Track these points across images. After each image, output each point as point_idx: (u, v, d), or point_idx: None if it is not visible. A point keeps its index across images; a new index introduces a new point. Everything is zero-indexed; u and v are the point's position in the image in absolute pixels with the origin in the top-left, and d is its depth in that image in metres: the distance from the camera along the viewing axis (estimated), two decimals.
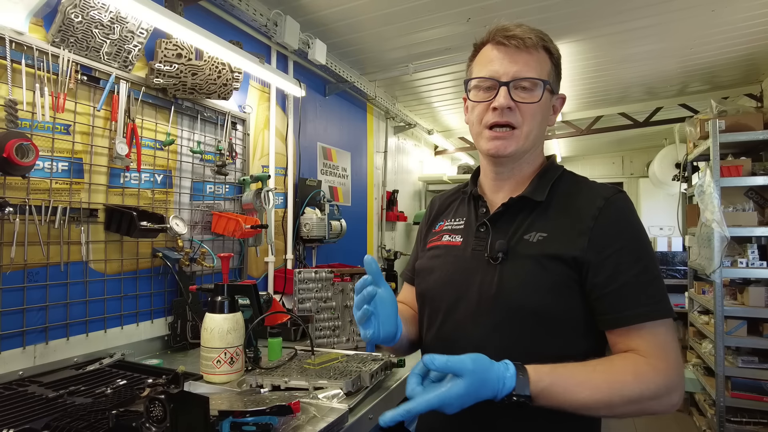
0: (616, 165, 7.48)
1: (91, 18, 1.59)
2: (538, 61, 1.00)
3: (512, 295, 0.95)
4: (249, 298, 1.65)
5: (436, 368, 0.80)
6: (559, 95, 1.09)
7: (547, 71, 1.02)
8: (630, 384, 0.84)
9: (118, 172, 1.80)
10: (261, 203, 2.34)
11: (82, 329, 1.67)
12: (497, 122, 0.99)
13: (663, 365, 0.87)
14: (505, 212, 1.04)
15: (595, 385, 0.84)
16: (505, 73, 0.98)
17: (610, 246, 0.92)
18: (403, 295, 1.30)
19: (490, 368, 0.82)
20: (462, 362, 0.79)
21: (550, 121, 1.07)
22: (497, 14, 2.61)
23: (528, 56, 0.99)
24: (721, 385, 3.21)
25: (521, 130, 0.99)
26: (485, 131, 1.02)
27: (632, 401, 0.84)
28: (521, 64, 0.98)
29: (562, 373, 0.85)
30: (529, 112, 0.99)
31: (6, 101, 1.42)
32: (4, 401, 1.23)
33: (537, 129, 1.02)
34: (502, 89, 0.98)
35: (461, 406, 0.79)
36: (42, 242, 1.53)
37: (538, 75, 0.99)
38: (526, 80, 0.98)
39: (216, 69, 2.01)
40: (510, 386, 0.81)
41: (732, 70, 3.68)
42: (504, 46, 1.00)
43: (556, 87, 1.07)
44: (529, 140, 1.02)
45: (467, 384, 0.78)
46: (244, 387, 1.44)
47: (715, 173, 3.27)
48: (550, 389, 0.82)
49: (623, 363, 0.88)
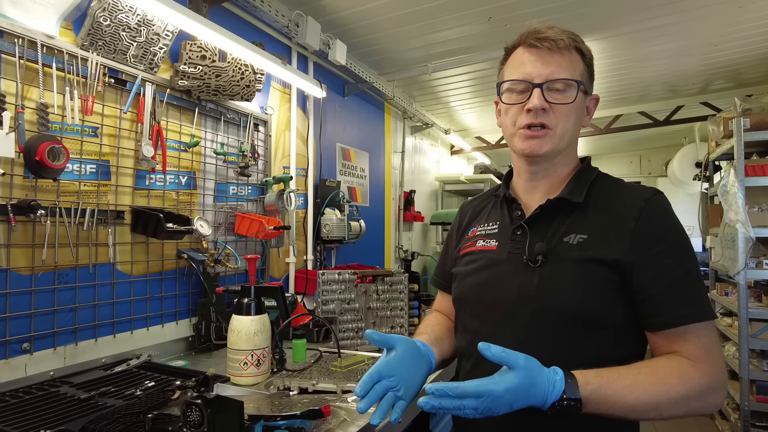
0: (634, 164, 7.39)
1: (118, 21, 1.60)
2: (570, 62, 1.00)
3: (553, 298, 0.94)
4: (276, 299, 1.65)
5: (492, 356, 0.80)
6: (592, 96, 1.08)
7: (580, 72, 1.01)
8: (676, 386, 0.84)
9: (144, 174, 1.81)
10: (283, 204, 2.34)
11: (110, 330, 1.69)
12: (531, 123, 0.99)
13: (707, 367, 0.87)
14: (542, 214, 1.02)
15: (643, 388, 0.84)
16: (538, 74, 0.98)
17: (652, 248, 0.91)
18: (438, 303, 1.33)
19: (540, 370, 0.82)
20: (516, 356, 0.80)
21: (584, 122, 1.07)
22: (518, 13, 2.58)
23: (561, 57, 0.99)
24: (745, 389, 3.16)
25: (555, 131, 0.99)
26: (520, 131, 1.01)
27: (678, 403, 0.84)
28: (554, 65, 0.98)
29: (608, 376, 0.84)
30: (563, 113, 0.99)
31: (38, 105, 1.44)
32: (38, 402, 1.25)
33: (571, 129, 1.02)
34: (535, 91, 0.98)
35: (510, 405, 0.78)
36: (71, 244, 1.54)
37: (572, 76, 0.99)
38: (560, 81, 0.98)
39: (239, 70, 2.02)
40: (560, 389, 0.80)
41: (757, 67, 3.61)
42: (536, 48, 1.00)
43: (590, 87, 1.06)
44: (564, 140, 1.01)
45: (519, 378, 0.79)
46: (271, 389, 1.44)
47: (740, 173, 3.21)
48: (599, 392, 0.82)
49: (669, 365, 0.88)
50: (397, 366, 0.91)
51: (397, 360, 0.92)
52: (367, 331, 0.94)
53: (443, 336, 1.17)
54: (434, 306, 1.36)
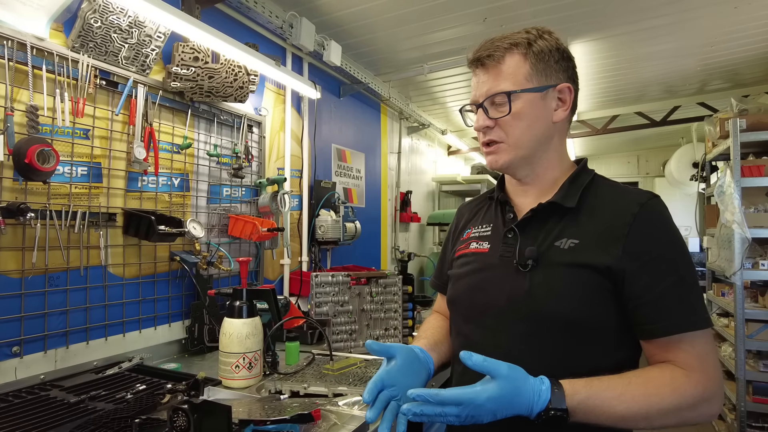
0: (632, 164, 7.39)
1: (109, 23, 1.59)
2: (505, 72, 0.98)
3: (544, 303, 0.93)
4: (267, 302, 1.64)
5: (473, 365, 0.80)
6: (557, 86, 1.00)
7: (523, 75, 0.98)
8: (668, 396, 0.82)
9: (136, 176, 1.80)
10: (277, 206, 2.34)
11: (102, 333, 1.68)
12: (483, 142, 1.04)
13: (701, 376, 0.85)
14: (534, 218, 1.01)
15: (633, 398, 0.82)
16: (480, 95, 1.02)
17: (646, 254, 0.89)
18: (438, 304, 1.34)
19: (525, 379, 0.81)
20: (498, 366, 0.80)
21: (555, 116, 1.01)
22: (513, 14, 2.58)
23: (494, 72, 1.00)
24: (742, 389, 3.15)
25: (507, 143, 1.01)
26: (482, 149, 1.07)
27: (670, 413, 0.83)
28: (491, 81, 1.00)
29: (597, 386, 0.83)
30: (507, 124, 1.00)
31: (27, 107, 1.43)
32: (27, 406, 1.24)
33: (526, 135, 1.00)
34: (479, 111, 1.02)
35: (493, 414, 0.78)
36: (62, 247, 1.54)
37: (510, 85, 0.97)
38: (495, 96, 0.99)
39: (232, 72, 2.01)
40: (545, 398, 0.79)
41: (754, 67, 3.61)
42: (477, 68, 1.04)
43: (550, 79, 0.99)
44: (522, 148, 1.01)
45: (500, 388, 0.78)
46: (263, 393, 1.43)
47: (736, 173, 3.20)
48: (587, 402, 0.81)
49: (660, 375, 0.86)
50: (397, 374, 0.92)
51: (397, 369, 0.93)
52: (367, 342, 0.94)
53: (442, 340, 1.17)
54: (434, 307, 1.36)
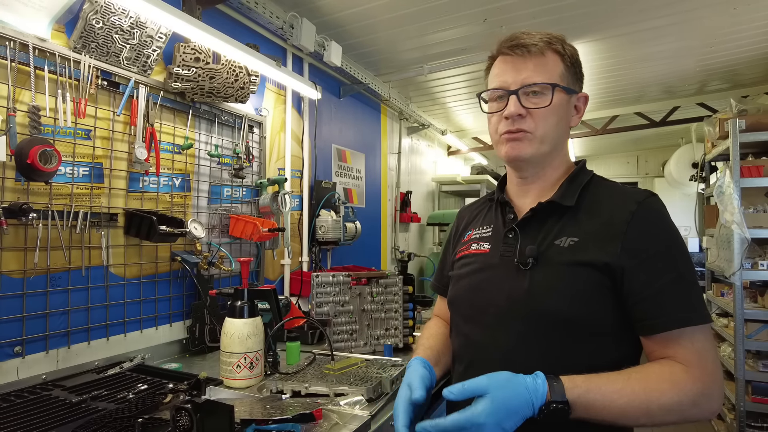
0: (631, 164, 7.40)
1: (111, 23, 1.59)
2: (545, 65, 1.01)
3: (544, 301, 0.94)
4: (269, 302, 1.65)
5: (455, 397, 0.81)
6: (579, 94, 1.07)
7: (558, 73, 1.01)
8: (667, 392, 0.83)
9: (138, 177, 1.81)
10: (278, 206, 2.34)
11: (103, 333, 1.68)
12: (509, 130, 1.01)
13: (700, 372, 0.86)
14: (534, 217, 1.03)
15: (633, 392, 0.83)
16: (513, 81, 1.01)
17: (644, 251, 0.91)
18: (438, 307, 1.34)
19: (509, 380, 0.81)
20: (477, 383, 0.81)
21: (572, 121, 1.07)
22: (514, 14, 2.59)
23: (535, 62, 1.00)
24: (741, 389, 3.16)
25: (535, 134, 1.00)
26: (502, 137, 1.04)
27: (670, 409, 0.83)
28: (529, 70, 1.00)
29: (597, 381, 0.84)
30: (542, 116, 1.00)
31: (29, 107, 1.43)
32: (29, 406, 1.24)
33: (553, 131, 1.02)
34: (511, 98, 1.00)
35: (500, 426, 0.77)
36: (64, 247, 1.54)
37: (548, 79, 0.99)
38: (535, 85, 0.99)
39: (233, 72, 2.02)
40: (543, 391, 0.80)
41: (753, 68, 3.62)
42: (510, 56, 1.03)
43: (576, 86, 1.06)
44: (546, 143, 1.02)
45: (491, 400, 0.78)
46: (264, 392, 1.43)
47: (735, 174, 3.21)
48: (587, 396, 0.81)
49: (660, 370, 0.87)
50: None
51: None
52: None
53: (443, 350, 1.17)
54: (434, 311, 1.36)
